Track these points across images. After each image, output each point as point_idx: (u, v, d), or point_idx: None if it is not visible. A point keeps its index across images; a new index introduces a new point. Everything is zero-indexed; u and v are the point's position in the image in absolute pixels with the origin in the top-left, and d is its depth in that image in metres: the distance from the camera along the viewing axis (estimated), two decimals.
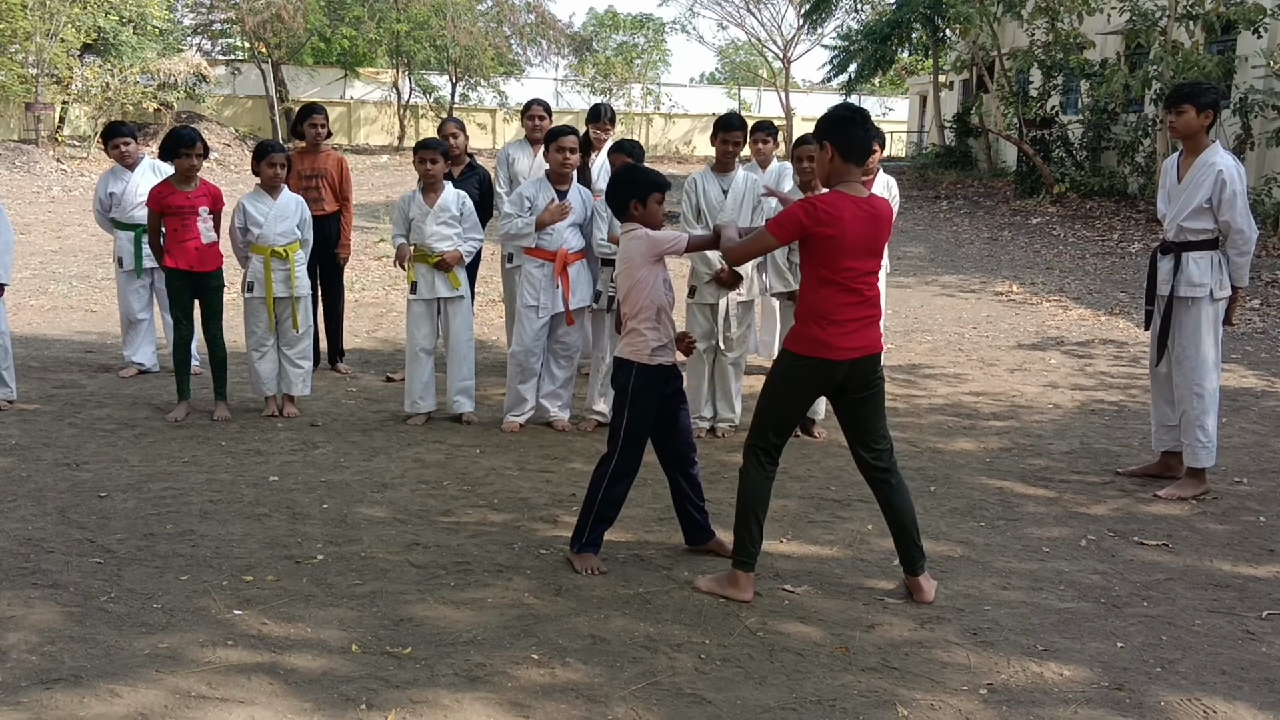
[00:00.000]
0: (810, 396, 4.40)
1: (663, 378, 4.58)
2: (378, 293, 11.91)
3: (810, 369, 4.20)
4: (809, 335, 4.18)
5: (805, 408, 4.48)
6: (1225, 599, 4.44)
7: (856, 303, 4.17)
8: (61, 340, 9.16)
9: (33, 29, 24.60)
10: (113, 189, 7.91)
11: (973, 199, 22.39)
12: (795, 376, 4.26)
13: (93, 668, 3.64)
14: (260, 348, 6.90)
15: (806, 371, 4.22)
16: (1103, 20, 20.48)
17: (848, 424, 4.38)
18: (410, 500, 5.41)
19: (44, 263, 13.33)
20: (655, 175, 4.65)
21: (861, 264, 4.16)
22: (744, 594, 4.29)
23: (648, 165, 5.10)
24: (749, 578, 4.33)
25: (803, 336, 4.21)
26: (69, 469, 5.78)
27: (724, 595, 4.30)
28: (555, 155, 6.50)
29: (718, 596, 4.31)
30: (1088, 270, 14.24)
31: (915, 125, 40.15)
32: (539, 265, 6.59)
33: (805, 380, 4.26)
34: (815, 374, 4.22)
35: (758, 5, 42.36)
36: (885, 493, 4.36)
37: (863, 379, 4.25)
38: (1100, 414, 7.47)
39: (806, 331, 4.19)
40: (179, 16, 36.25)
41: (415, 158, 6.76)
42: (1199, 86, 5.62)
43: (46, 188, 21.49)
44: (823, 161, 4.20)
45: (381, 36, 36.81)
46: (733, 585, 4.32)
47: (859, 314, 4.18)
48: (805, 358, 4.20)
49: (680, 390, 4.72)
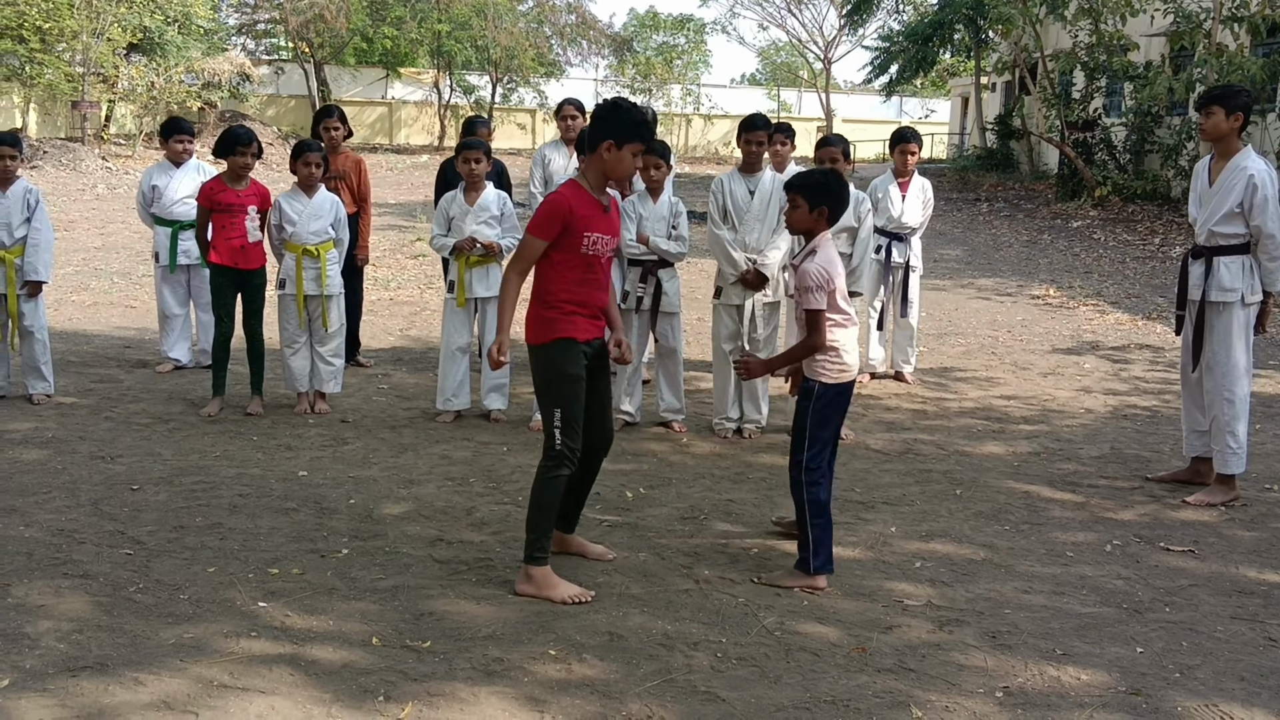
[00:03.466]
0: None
1: None
2: (413, 291, 12.01)
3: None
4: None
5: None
6: (1249, 606, 4.40)
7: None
8: (101, 336, 9.31)
9: (79, 28, 25.02)
10: (156, 182, 8.04)
11: (1013, 201, 22.23)
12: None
13: (119, 656, 3.72)
14: (293, 344, 6.99)
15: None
16: (1146, 22, 20.27)
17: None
18: (436, 496, 5.47)
19: (86, 259, 13.54)
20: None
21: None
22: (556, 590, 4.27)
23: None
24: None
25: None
26: (103, 462, 5.89)
27: (541, 596, 4.26)
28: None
29: (537, 598, 4.27)
30: (1127, 274, 14.11)
31: (957, 127, 39.89)
32: None
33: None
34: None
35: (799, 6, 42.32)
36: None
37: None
38: (1133, 419, 7.41)
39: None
40: (224, 16, 36.75)
41: (459, 158, 6.82)
42: (1230, 89, 5.58)
43: (91, 185, 21.82)
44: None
45: (423, 37, 37.12)
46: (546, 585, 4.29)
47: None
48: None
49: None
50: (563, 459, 4.31)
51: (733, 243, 6.44)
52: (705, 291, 8.00)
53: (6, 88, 28.30)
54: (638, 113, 4.31)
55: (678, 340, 6.76)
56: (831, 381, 4.45)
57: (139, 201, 8.24)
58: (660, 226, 6.61)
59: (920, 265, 8.38)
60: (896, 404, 7.67)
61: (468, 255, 6.78)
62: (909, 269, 8.19)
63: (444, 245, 6.89)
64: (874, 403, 7.69)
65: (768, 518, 5.27)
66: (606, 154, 4.27)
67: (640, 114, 4.31)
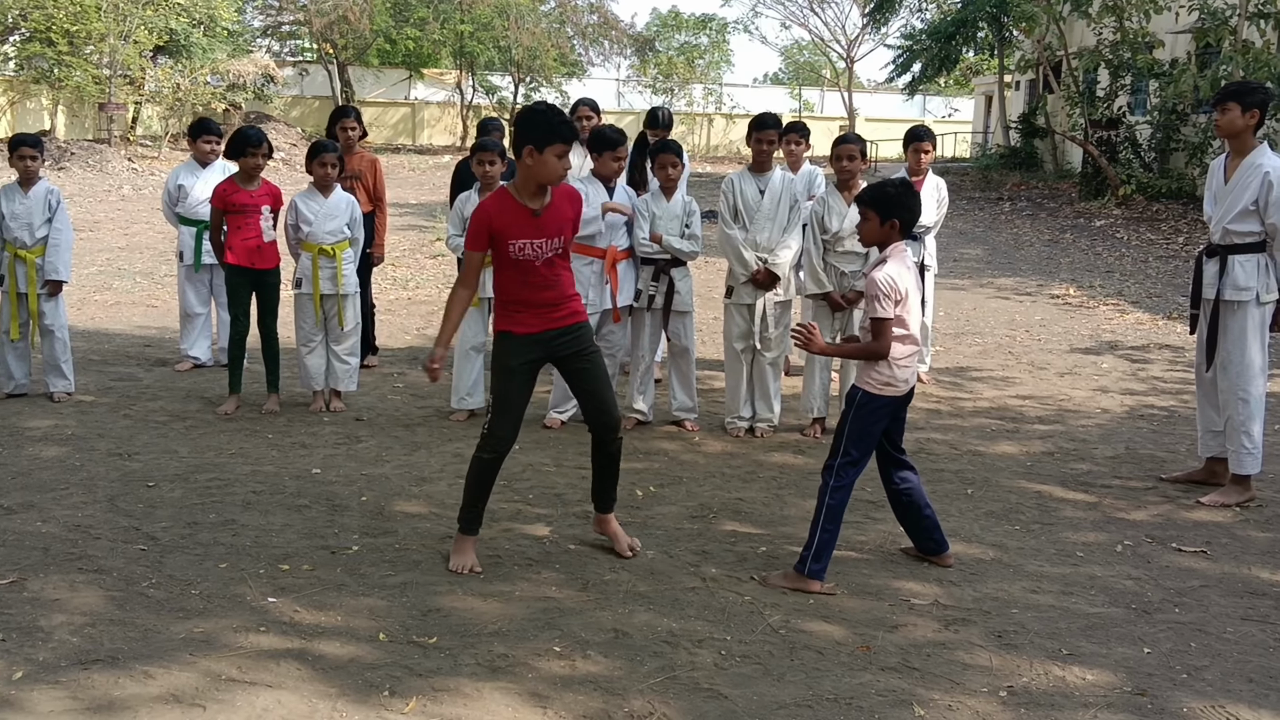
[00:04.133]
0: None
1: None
2: (431, 291, 12.06)
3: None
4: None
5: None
6: (1260, 607, 4.38)
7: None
8: (122, 335, 9.40)
9: (106, 31, 25.26)
10: (183, 182, 8.12)
11: (1036, 200, 22.11)
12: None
13: (130, 650, 3.77)
14: (309, 343, 7.05)
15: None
16: (1171, 19, 20.13)
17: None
18: (447, 494, 5.50)
19: (110, 259, 13.67)
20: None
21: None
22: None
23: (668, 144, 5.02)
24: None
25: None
26: (120, 459, 5.96)
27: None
28: (611, 164, 6.53)
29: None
30: (1149, 274, 14.03)
31: (980, 126, 39.70)
32: (588, 263, 6.64)
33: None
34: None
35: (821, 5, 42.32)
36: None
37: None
38: (1149, 419, 7.37)
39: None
40: (248, 18, 37.01)
41: (473, 159, 6.86)
42: (1246, 85, 5.54)
43: (117, 186, 22.02)
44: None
45: (445, 37, 37.21)
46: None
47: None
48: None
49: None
50: (490, 443, 4.55)
51: (743, 242, 6.45)
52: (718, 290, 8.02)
53: (36, 90, 28.60)
54: (555, 115, 4.44)
55: (690, 339, 6.77)
56: (875, 392, 4.45)
57: (165, 201, 8.33)
58: (674, 225, 6.62)
59: (935, 264, 8.35)
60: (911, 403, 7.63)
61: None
62: (923, 268, 8.16)
63: (458, 245, 6.93)
64: None
65: (777, 516, 5.28)
66: (529, 160, 4.36)
67: (558, 116, 4.44)
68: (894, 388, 4.46)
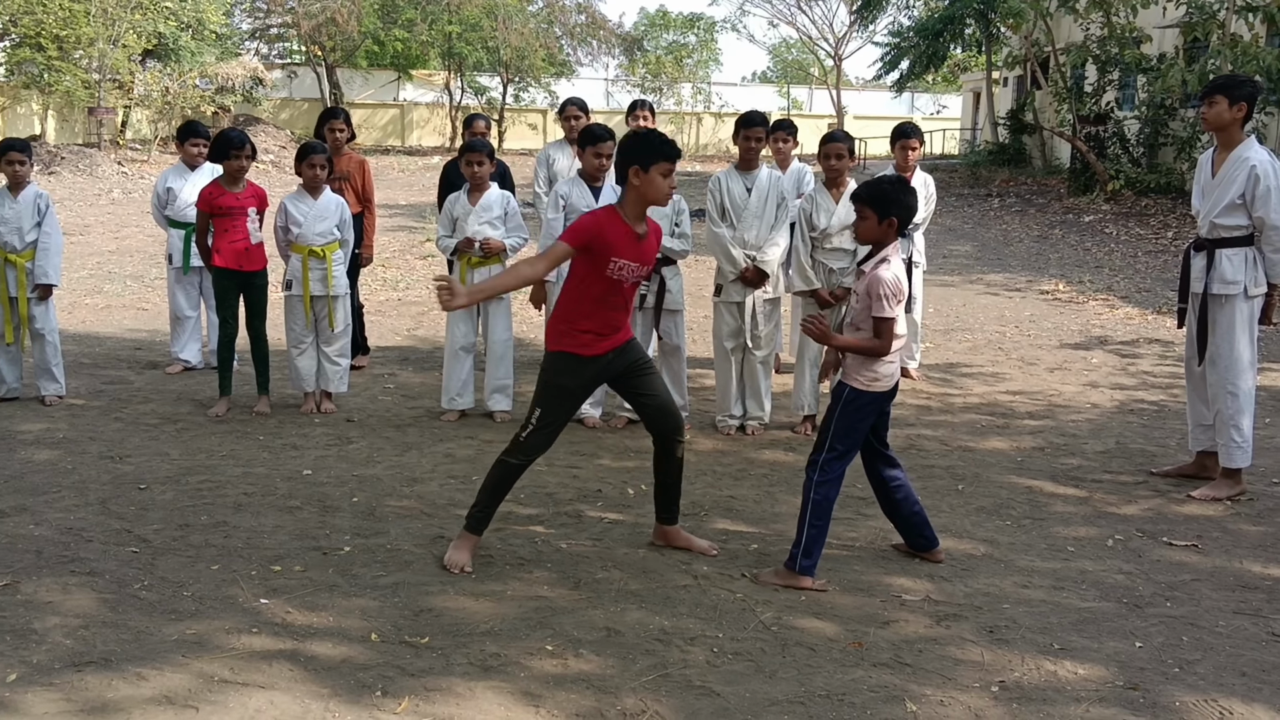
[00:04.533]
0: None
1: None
2: (420, 291, 12.05)
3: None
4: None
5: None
6: (1252, 600, 4.40)
7: None
8: (113, 338, 9.38)
9: (96, 35, 25.22)
10: (172, 185, 8.11)
11: (1025, 197, 22.16)
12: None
13: (122, 652, 3.76)
14: (299, 345, 7.04)
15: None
16: (1159, 14, 20.19)
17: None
18: (439, 494, 5.50)
19: (100, 263, 13.64)
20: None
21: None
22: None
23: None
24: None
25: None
26: (112, 462, 5.95)
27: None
28: (592, 160, 6.54)
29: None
30: (1138, 269, 14.07)
31: (969, 122, 39.77)
32: None
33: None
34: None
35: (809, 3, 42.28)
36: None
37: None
38: (1139, 414, 7.39)
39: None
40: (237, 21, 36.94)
41: (462, 160, 6.86)
42: (1234, 79, 5.55)
43: (107, 190, 21.97)
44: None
45: (434, 39, 37.21)
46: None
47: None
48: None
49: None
50: (522, 451, 4.53)
51: (731, 240, 6.45)
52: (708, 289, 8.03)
53: (26, 95, 28.52)
54: (657, 135, 4.56)
55: (681, 338, 6.77)
56: (862, 388, 4.46)
57: (154, 204, 8.33)
58: (663, 224, 6.61)
59: (924, 261, 8.37)
60: (901, 399, 7.64)
61: (469, 256, 6.82)
62: (912, 264, 8.18)
63: (447, 245, 6.94)
64: None
65: (769, 514, 5.29)
66: (636, 180, 4.44)
67: (660, 136, 4.57)
68: (880, 383, 4.48)
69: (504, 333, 6.98)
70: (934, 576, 4.57)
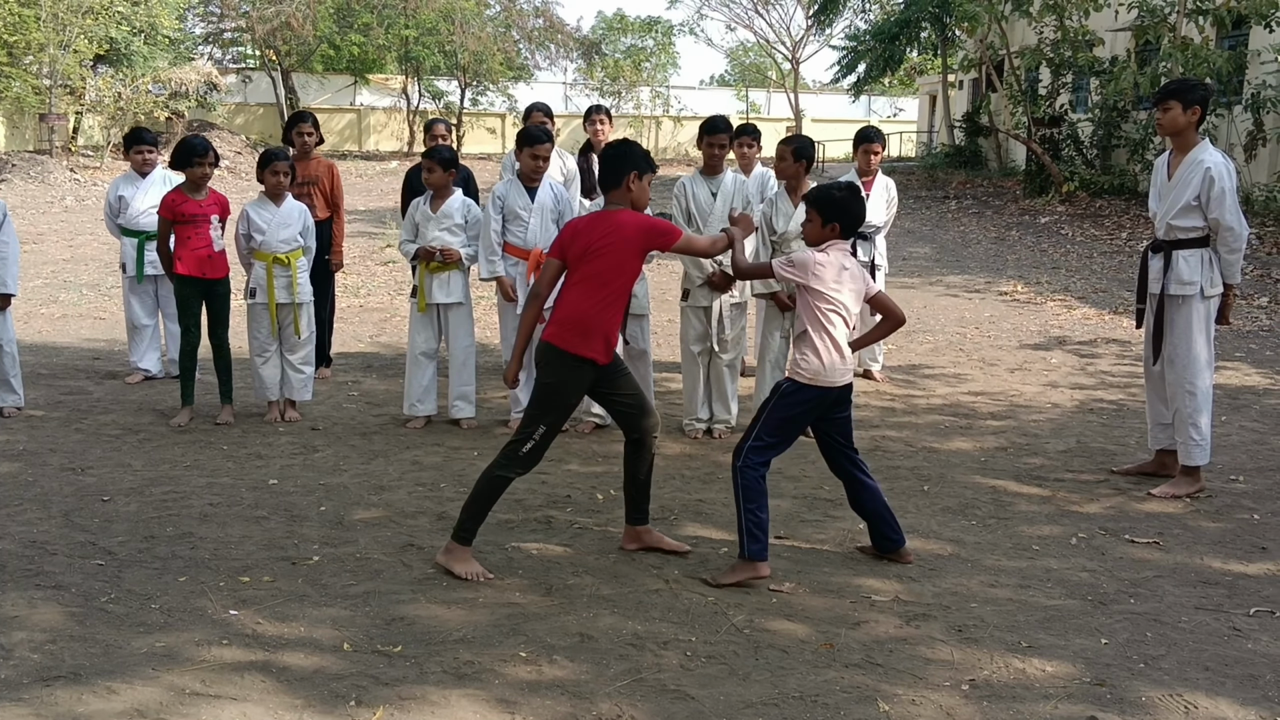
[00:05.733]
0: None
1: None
2: (383, 298, 12.00)
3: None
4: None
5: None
6: (1214, 596, 4.47)
7: None
8: (70, 348, 9.27)
9: (46, 40, 24.82)
10: (123, 193, 8.02)
11: (981, 199, 22.39)
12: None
13: (92, 666, 3.73)
14: (263, 353, 6.99)
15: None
16: (1111, 17, 20.46)
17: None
18: (407, 502, 5.48)
19: (55, 271, 13.46)
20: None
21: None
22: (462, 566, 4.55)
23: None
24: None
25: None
26: (74, 473, 5.88)
27: (450, 568, 4.56)
28: (530, 161, 6.56)
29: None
30: (1094, 269, 14.25)
31: (925, 125, 40.12)
32: (514, 264, 6.67)
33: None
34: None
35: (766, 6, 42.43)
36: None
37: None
38: (1099, 413, 7.49)
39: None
40: (190, 26, 36.51)
41: (424, 167, 6.84)
42: (1186, 83, 5.64)
43: (60, 197, 21.68)
44: None
45: (390, 43, 37.00)
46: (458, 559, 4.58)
47: None
48: None
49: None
50: (520, 462, 4.54)
51: None
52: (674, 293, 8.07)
53: None
54: (640, 147, 4.76)
55: (647, 342, 6.79)
56: (803, 382, 4.52)
57: (106, 212, 8.23)
58: None
59: (886, 264, 8.45)
60: (865, 401, 7.72)
61: (428, 262, 6.81)
62: (874, 267, 8.25)
63: (407, 251, 6.92)
64: None
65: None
66: (634, 186, 4.60)
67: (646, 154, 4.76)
68: (822, 379, 4.51)
69: (466, 339, 6.96)
70: (902, 577, 4.61)
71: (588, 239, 4.53)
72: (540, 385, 4.57)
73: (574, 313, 4.52)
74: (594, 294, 4.51)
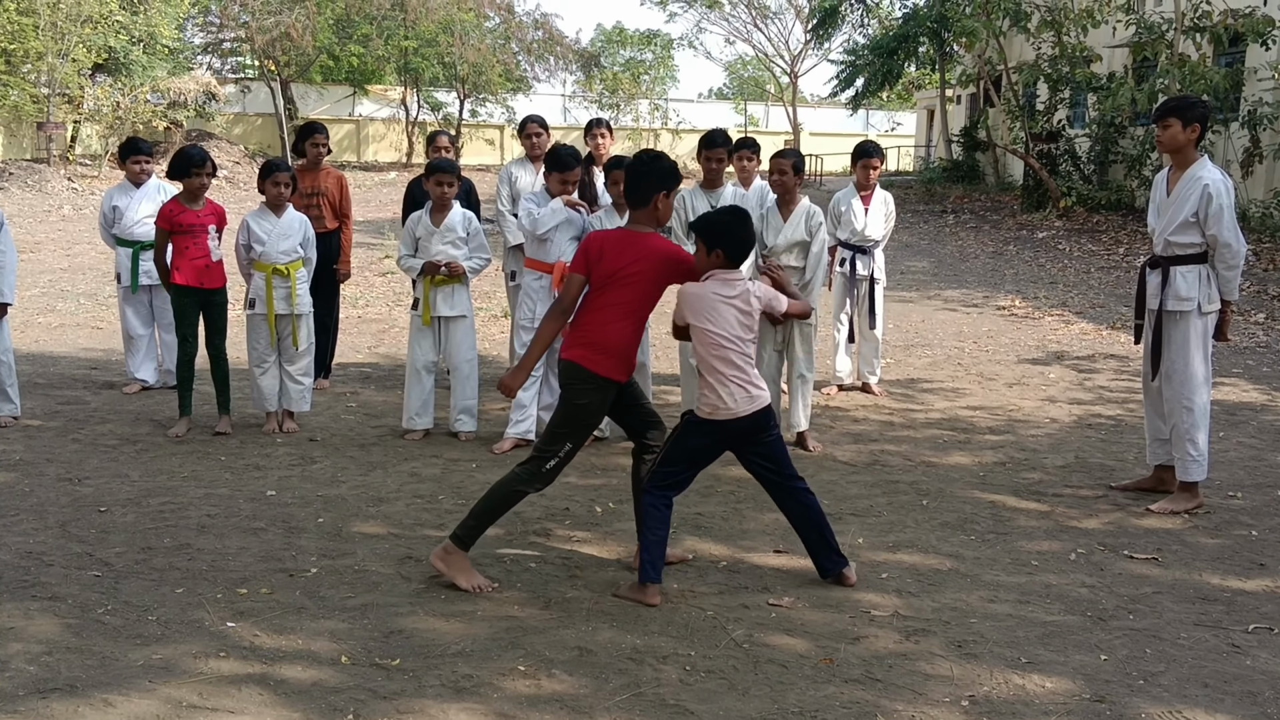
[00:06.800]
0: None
1: None
2: (381, 309, 12.00)
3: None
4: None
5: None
6: (1212, 612, 4.47)
7: None
8: (67, 357, 9.26)
9: (44, 49, 24.86)
10: (117, 203, 8.02)
11: (979, 213, 22.43)
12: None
13: (88, 678, 3.71)
14: (262, 364, 6.98)
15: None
16: (1109, 33, 20.54)
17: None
18: (405, 514, 5.47)
19: (53, 281, 13.46)
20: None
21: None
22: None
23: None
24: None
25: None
26: (70, 484, 5.86)
27: (448, 575, 4.54)
28: (558, 186, 6.55)
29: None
30: (1092, 284, 14.27)
31: (923, 140, 40.21)
32: (537, 278, 6.66)
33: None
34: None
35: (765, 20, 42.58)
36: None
37: None
38: (1097, 428, 7.50)
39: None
40: (189, 36, 36.57)
41: (429, 179, 6.82)
42: (1186, 100, 5.66)
43: (57, 206, 21.68)
44: None
45: (390, 54, 37.06)
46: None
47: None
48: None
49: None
50: (541, 480, 4.55)
51: None
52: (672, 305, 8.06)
53: None
54: (668, 159, 4.66)
55: (646, 354, 6.79)
56: (704, 416, 4.50)
57: (101, 223, 8.23)
58: None
59: (884, 277, 8.46)
60: (864, 415, 7.73)
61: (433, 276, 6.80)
62: (873, 281, 8.27)
63: (411, 267, 6.90)
64: (841, 414, 7.75)
65: (736, 530, 5.31)
66: (661, 203, 4.56)
67: (674, 167, 4.68)
68: (721, 414, 4.47)
69: (469, 352, 6.96)
70: (902, 592, 4.61)
71: (616, 261, 4.46)
72: (571, 406, 4.52)
73: (603, 339, 4.47)
74: (624, 322, 4.50)
